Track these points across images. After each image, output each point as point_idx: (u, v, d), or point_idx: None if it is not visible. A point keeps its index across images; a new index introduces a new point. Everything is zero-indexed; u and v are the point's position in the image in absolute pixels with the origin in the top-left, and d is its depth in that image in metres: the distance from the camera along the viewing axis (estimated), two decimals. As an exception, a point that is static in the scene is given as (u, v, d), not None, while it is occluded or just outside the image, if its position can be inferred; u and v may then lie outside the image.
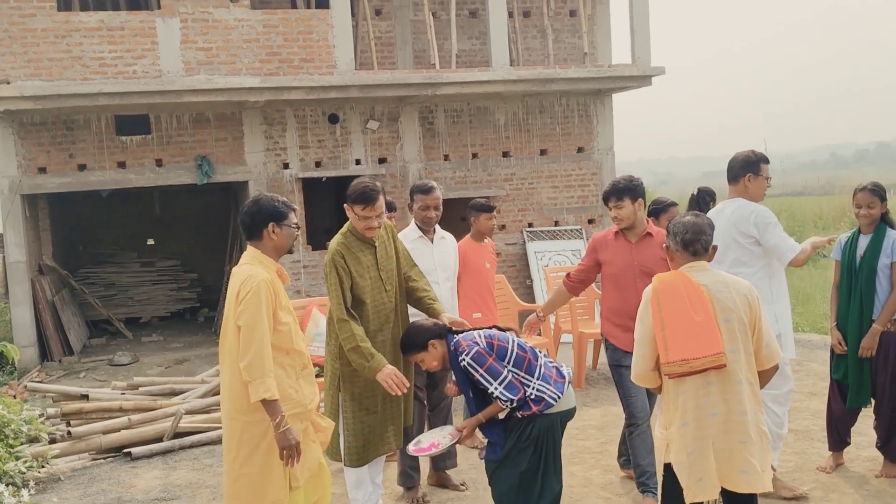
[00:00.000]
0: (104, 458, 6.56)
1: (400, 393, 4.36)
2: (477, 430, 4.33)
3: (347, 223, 4.69)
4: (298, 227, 4.16)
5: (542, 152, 12.22)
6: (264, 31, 10.26)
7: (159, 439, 6.69)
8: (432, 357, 4.31)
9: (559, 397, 4.14)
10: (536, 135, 12.19)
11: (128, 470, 6.29)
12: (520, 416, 4.12)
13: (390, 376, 4.35)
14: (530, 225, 12.15)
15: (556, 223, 12.27)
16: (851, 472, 5.47)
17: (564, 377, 4.24)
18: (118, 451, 6.61)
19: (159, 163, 10.76)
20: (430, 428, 5.20)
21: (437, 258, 5.52)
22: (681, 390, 3.60)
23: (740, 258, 4.91)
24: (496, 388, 4.07)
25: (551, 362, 4.29)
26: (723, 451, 3.56)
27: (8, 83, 9.50)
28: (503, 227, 11.95)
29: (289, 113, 11.13)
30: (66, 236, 14.39)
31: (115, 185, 10.71)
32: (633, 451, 4.90)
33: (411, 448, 4.36)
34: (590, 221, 12.41)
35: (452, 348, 4.23)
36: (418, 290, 4.83)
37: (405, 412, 4.84)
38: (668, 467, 3.70)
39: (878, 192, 5.38)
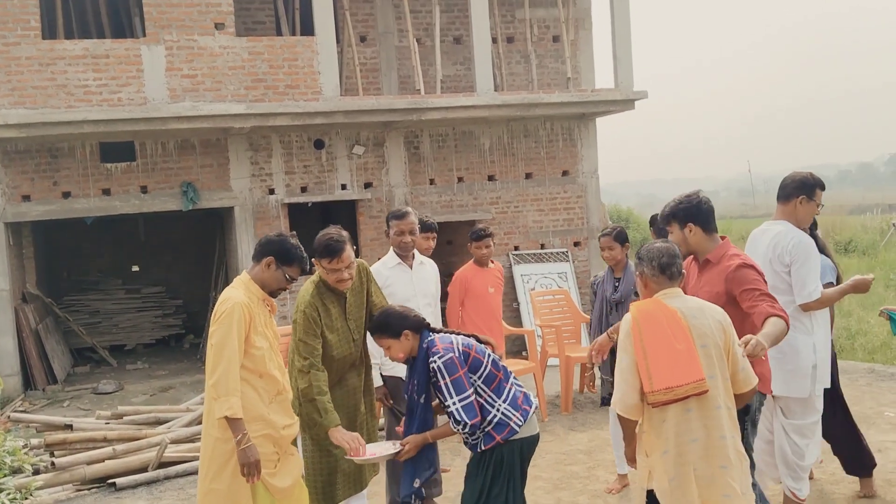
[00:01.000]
0: (88, 489, 6.50)
1: (355, 456, 4.12)
2: None
3: (316, 274, 4.53)
4: (293, 281, 4.18)
5: (528, 176, 12.28)
6: (249, 58, 10.30)
7: (144, 469, 6.63)
8: (401, 347, 4.04)
9: (521, 424, 3.95)
10: (521, 158, 12.26)
11: (113, 501, 6.23)
12: (482, 449, 3.95)
13: (348, 440, 4.13)
14: (516, 248, 12.18)
15: (542, 246, 12.31)
16: (838, 493, 5.47)
17: (531, 405, 4.03)
18: (103, 482, 6.55)
19: (144, 189, 10.74)
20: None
21: (416, 284, 5.52)
22: (664, 418, 3.60)
23: (777, 285, 4.63)
24: (454, 404, 3.86)
25: (520, 387, 4.09)
26: (704, 477, 3.59)
27: (-8, 111, 9.49)
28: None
29: (274, 139, 11.15)
30: (50, 264, 14.31)
31: (99, 212, 10.68)
32: None
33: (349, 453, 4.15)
34: (576, 244, 12.45)
35: (425, 346, 4.00)
36: None
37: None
38: (650, 494, 3.73)
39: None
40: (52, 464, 6.42)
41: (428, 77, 11.81)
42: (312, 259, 4.45)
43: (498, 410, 3.94)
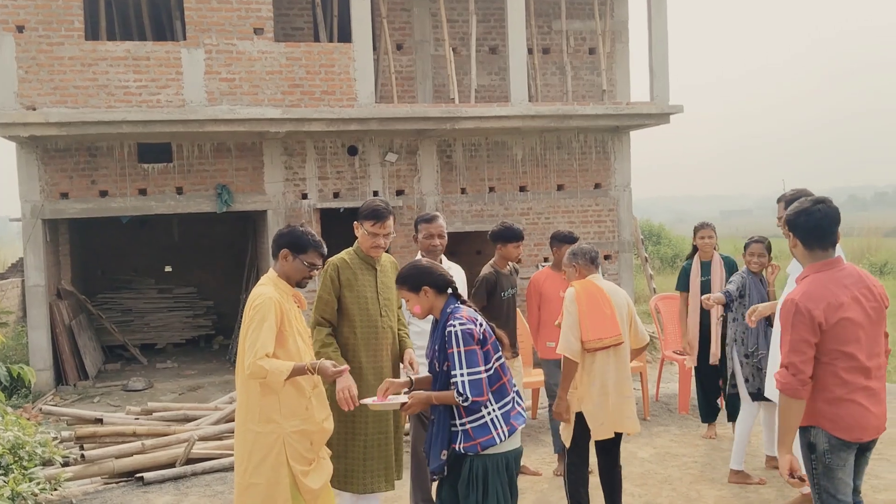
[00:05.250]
0: (116, 483, 6.58)
1: (346, 408, 4.20)
2: None
3: (354, 244, 4.85)
4: (314, 268, 4.25)
5: (559, 187, 12.26)
6: (287, 64, 10.41)
7: (172, 465, 6.70)
8: (417, 301, 3.98)
9: (504, 439, 3.87)
10: (554, 170, 12.25)
11: (140, 495, 6.30)
12: (460, 449, 3.85)
13: (345, 389, 4.18)
14: (546, 260, 12.15)
15: (572, 258, 12.25)
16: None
17: (520, 423, 3.99)
18: (130, 476, 6.63)
19: (180, 191, 10.88)
20: None
21: None
22: (593, 361, 5.07)
23: None
24: (462, 375, 3.77)
25: (519, 402, 4.04)
26: (616, 404, 5.07)
27: (34, 109, 9.67)
28: (519, 261, 11.92)
29: (309, 144, 11.25)
30: (85, 261, 14.53)
31: (135, 211, 10.83)
32: None
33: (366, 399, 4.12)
34: (606, 257, 12.40)
35: (449, 310, 3.94)
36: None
37: (395, 458, 4.83)
38: (579, 415, 5.10)
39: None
40: (82, 456, 6.50)
41: (463, 86, 11.86)
42: (354, 222, 4.76)
43: (489, 413, 3.86)
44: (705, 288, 7.32)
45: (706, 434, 7.45)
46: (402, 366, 4.84)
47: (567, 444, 5.18)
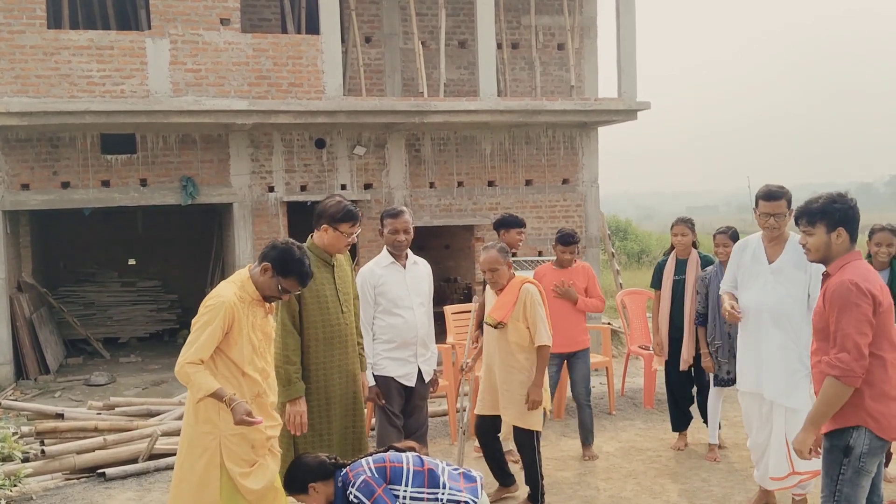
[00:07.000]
0: (78, 479, 6.47)
1: (294, 433, 4.52)
2: None
3: (307, 241, 4.77)
4: (287, 293, 4.17)
5: (528, 182, 12.28)
6: (254, 55, 10.30)
7: (134, 460, 6.61)
8: (312, 499, 4.08)
9: (474, 501, 3.98)
10: (522, 165, 12.26)
11: (101, 491, 6.20)
12: None
13: (295, 414, 4.49)
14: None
15: (540, 253, 12.28)
16: None
17: (475, 479, 4.10)
18: (92, 472, 6.52)
19: (144, 183, 10.73)
20: None
21: (409, 284, 5.51)
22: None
23: None
24: None
25: (455, 469, 4.14)
26: None
27: (-6, 99, 9.49)
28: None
29: (276, 136, 11.15)
30: (46, 254, 14.29)
31: (98, 203, 10.67)
32: None
33: None
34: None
35: (340, 483, 4.02)
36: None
37: (358, 445, 4.88)
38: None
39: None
40: (43, 452, 6.39)
41: (431, 80, 11.82)
42: (323, 225, 4.72)
43: (444, 495, 3.96)
44: (678, 287, 6.75)
45: (675, 445, 6.94)
46: None
47: (540, 428, 5.41)
